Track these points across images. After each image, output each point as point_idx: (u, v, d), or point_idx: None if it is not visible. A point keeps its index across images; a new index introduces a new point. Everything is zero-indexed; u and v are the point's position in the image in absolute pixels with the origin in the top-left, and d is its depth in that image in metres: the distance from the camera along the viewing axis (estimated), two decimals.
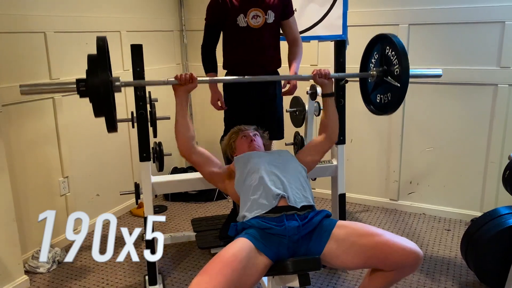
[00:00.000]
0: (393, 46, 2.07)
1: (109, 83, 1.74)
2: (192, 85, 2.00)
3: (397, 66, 2.04)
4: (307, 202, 1.86)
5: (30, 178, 2.69)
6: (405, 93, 2.03)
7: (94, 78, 1.69)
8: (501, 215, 2.29)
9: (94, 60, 1.74)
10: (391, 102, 2.12)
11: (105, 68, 1.71)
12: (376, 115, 2.31)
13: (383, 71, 2.15)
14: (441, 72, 2.28)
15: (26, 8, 2.60)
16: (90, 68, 1.72)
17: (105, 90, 1.70)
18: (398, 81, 2.04)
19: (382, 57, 2.17)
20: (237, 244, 1.66)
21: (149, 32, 3.59)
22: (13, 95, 2.53)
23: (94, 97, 1.71)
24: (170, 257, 2.81)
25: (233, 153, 2.26)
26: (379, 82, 2.19)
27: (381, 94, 2.20)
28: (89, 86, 1.71)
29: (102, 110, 1.72)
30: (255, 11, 2.47)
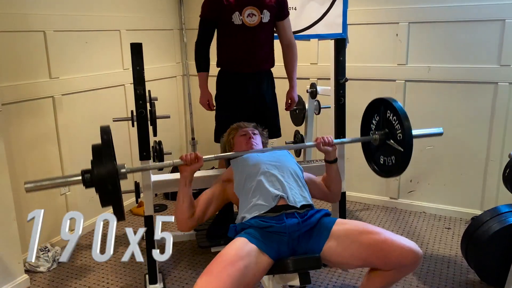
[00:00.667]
0: (394, 111, 2.08)
1: (116, 174, 1.67)
2: (197, 164, 1.93)
3: (400, 131, 2.05)
4: (306, 202, 1.86)
5: (30, 177, 2.68)
6: (409, 158, 2.02)
7: (100, 169, 1.63)
8: (501, 213, 2.29)
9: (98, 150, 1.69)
10: (396, 166, 2.12)
11: (110, 159, 1.66)
12: (380, 176, 2.30)
13: (385, 134, 2.15)
14: (442, 130, 2.29)
15: (26, 7, 2.60)
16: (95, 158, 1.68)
17: (112, 182, 1.64)
18: (401, 145, 2.04)
19: (383, 120, 2.17)
20: (238, 243, 1.66)
21: (149, 31, 3.58)
22: (13, 94, 2.53)
23: (101, 189, 1.66)
24: (170, 256, 2.80)
25: (231, 149, 2.26)
26: (382, 144, 2.19)
27: (385, 156, 2.20)
28: (94, 176, 1.65)
29: (109, 201, 1.68)
30: (251, 9, 2.46)
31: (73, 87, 2.91)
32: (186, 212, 1.92)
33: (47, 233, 2.83)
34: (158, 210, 3.48)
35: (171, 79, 3.91)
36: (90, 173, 1.68)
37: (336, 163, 2.14)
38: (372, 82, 3.32)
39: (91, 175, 1.68)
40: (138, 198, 2.49)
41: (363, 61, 3.32)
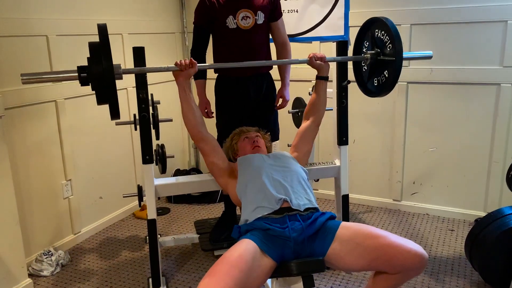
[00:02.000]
0: (384, 27, 2.09)
1: (112, 69, 1.72)
2: (192, 69, 2.03)
3: (389, 43, 2.06)
4: (310, 205, 1.85)
5: (33, 181, 2.69)
6: (401, 66, 2.02)
7: (96, 65, 1.67)
8: (505, 215, 2.28)
9: (95, 47, 1.71)
10: (388, 79, 2.12)
11: (107, 54, 1.70)
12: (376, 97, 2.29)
13: (376, 53, 2.18)
14: (432, 54, 2.34)
15: (28, 11, 2.61)
16: (92, 54, 1.70)
17: (109, 76, 1.68)
18: (392, 56, 2.05)
19: (373, 41, 2.20)
20: (242, 245, 1.66)
21: (151, 34, 3.59)
22: (16, 98, 2.54)
23: (97, 84, 1.70)
24: (173, 259, 2.81)
25: (235, 155, 2.25)
26: (374, 64, 2.20)
27: (378, 76, 2.21)
28: (91, 72, 1.69)
29: (105, 96, 1.71)
30: (245, 12, 2.44)
31: (76, 91, 2.91)
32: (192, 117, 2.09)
33: (50, 237, 2.84)
34: (161, 214, 3.48)
35: (174, 82, 3.87)
36: (87, 70, 1.69)
37: (327, 81, 2.28)
38: None
39: (87, 72, 1.70)
40: (141, 201, 2.49)
41: None
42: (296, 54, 2.84)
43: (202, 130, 2.11)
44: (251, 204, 1.86)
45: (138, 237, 3.11)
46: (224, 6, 2.43)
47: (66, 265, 2.75)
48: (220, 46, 2.54)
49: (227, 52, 2.51)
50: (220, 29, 2.47)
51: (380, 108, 3.33)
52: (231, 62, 2.36)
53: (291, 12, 3.39)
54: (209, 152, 2.12)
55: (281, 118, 2.81)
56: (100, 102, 1.76)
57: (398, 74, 2.04)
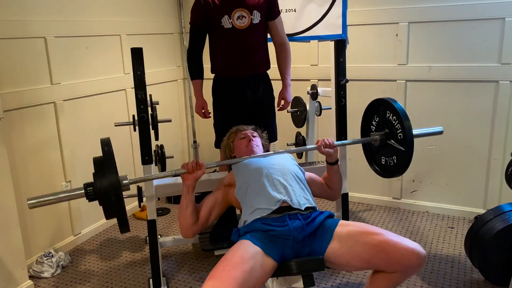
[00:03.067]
0: (394, 111, 2.09)
1: (118, 185, 1.66)
2: (200, 172, 1.92)
3: (400, 130, 2.05)
4: (309, 204, 1.86)
5: (33, 183, 2.69)
6: (411, 157, 2.02)
7: (102, 182, 1.63)
8: (504, 212, 2.28)
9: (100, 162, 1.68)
10: (397, 166, 2.13)
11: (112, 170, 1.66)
12: (382, 177, 2.31)
13: (385, 134, 2.16)
14: (442, 129, 2.30)
15: (26, 13, 2.61)
16: (97, 171, 1.67)
17: (115, 194, 1.64)
18: (402, 145, 2.05)
19: (383, 120, 2.19)
20: (242, 246, 1.66)
21: (149, 35, 3.59)
22: (15, 100, 2.54)
23: (104, 202, 1.66)
24: (174, 259, 2.81)
25: (232, 153, 2.26)
26: (383, 145, 2.20)
27: (386, 156, 2.21)
28: (97, 189, 1.65)
29: (113, 213, 1.67)
30: (240, 11, 2.42)
31: (75, 93, 2.91)
32: (189, 218, 1.93)
33: (50, 238, 2.84)
34: (161, 214, 3.48)
35: (172, 82, 3.92)
36: (93, 186, 1.67)
37: (337, 164, 2.17)
38: (373, 83, 3.32)
39: (93, 188, 1.67)
40: (140, 202, 2.49)
41: (364, 61, 3.32)
42: (295, 53, 2.85)
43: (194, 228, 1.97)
44: (250, 206, 1.87)
45: (139, 238, 3.11)
46: (219, 5, 2.42)
47: (67, 266, 2.75)
48: (217, 46, 2.54)
49: (223, 52, 2.51)
50: (216, 29, 2.46)
51: None
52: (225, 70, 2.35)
53: (289, 11, 3.39)
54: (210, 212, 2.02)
55: (280, 117, 2.81)
56: (108, 217, 1.71)
57: (408, 162, 2.04)
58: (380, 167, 2.28)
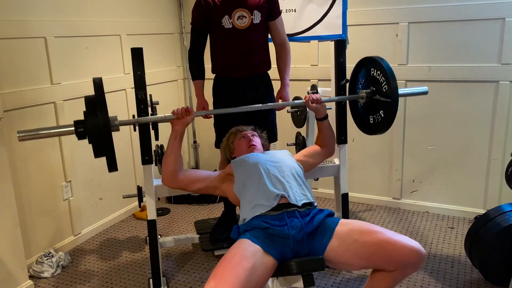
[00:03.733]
0: (378, 67, 2.14)
1: (108, 123, 1.71)
2: (189, 117, 2.04)
3: (385, 83, 2.10)
4: (307, 200, 1.87)
5: (33, 183, 2.70)
6: (396, 108, 2.07)
7: (92, 119, 1.66)
8: (504, 212, 2.28)
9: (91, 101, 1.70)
10: (384, 119, 2.17)
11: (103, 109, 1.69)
12: (371, 134, 2.36)
13: (371, 91, 2.22)
14: (427, 89, 2.38)
15: (26, 13, 2.61)
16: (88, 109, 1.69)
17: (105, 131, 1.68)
18: (388, 97, 2.07)
19: (368, 79, 2.23)
20: (242, 245, 1.66)
21: (149, 35, 3.59)
22: (15, 100, 2.54)
23: (93, 139, 1.68)
24: (174, 259, 2.81)
25: (232, 154, 2.26)
26: (369, 102, 2.25)
27: (373, 114, 2.26)
28: (88, 127, 1.67)
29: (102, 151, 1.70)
30: (240, 11, 2.42)
31: (75, 93, 2.91)
32: (171, 164, 2.03)
33: (50, 238, 2.84)
34: (161, 214, 3.48)
35: (172, 82, 3.92)
36: (83, 124, 1.69)
37: (327, 120, 2.27)
38: None
39: (84, 126, 1.70)
40: (141, 202, 2.49)
41: None
42: (295, 53, 2.85)
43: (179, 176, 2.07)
44: (249, 203, 1.87)
45: (139, 238, 3.11)
46: (219, 5, 2.42)
47: (67, 266, 2.75)
48: (217, 46, 2.54)
49: (223, 52, 2.51)
50: (217, 29, 2.46)
51: None
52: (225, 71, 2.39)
53: (289, 11, 3.39)
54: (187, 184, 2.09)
55: (280, 117, 2.81)
56: (97, 155, 1.74)
57: (394, 114, 2.10)
58: (369, 126, 2.32)
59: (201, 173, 2.14)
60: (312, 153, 2.26)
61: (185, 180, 2.07)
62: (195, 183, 2.09)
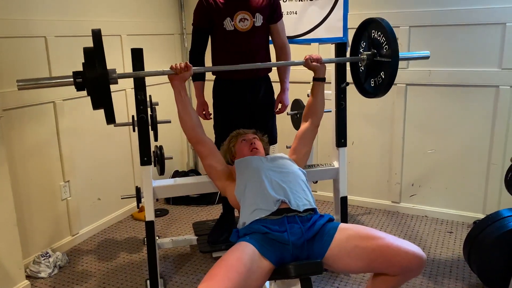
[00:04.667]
0: (380, 28, 2.11)
1: (106, 74, 1.75)
2: (187, 73, 2.04)
3: (385, 43, 2.07)
4: (309, 206, 1.86)
5: (31, 183, 2.69)
6: (397, 67, 2.03)
7: (91, 70, 1.69)
8: (504, 217, 2.28)
9: (90, 52, 1.73)
10: (384, 80, 2.13)
11: (101, 59, 1.72)
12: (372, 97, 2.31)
13: (372, 53, 2.19)
14: (429, 54, 2.34)
15: (27, 13, 2.61)
16: (87, 60, 1.72)
17: (103, 81, 1.71)
18: (388, 57, 2.05)
19: (369, 42, 2.21)
20: (240, 248, 1.66)
21: (150, 36, 3.59)
22: (14, 99, 2.53)
23: (92, 89, 1.72)
24: (171, 261, 2.80)
25: (233, 157, 2.25)
26: (370, 65, 2.22)
27: (374, 77, 2.22)
28: (86, 78, 1.71)
29: (100, 101, 1.73)
30: (243, 14, 2.42)
31: (74, 93, 2.86)
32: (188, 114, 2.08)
33: (48, 238, 2.83)
34: (159, 215, 3.47)
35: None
36: (82, 75, 1.70)
37: (324, 82, 2.28)
38: None
39: (82, 77, 1.72)
40: (139, 203, 2.48)
41: None
42: (295, 56, 2.84)
43: (198, 132, 2.11)
44: (249, 206, 1.86)
45: (136, 239, 3.10)
46: (221, 7, 2.42)
47: (64, 266, 2.74)
48: (218, 48, 2.53)
49: (225, 54, 2.51)
50: (218, 31, 2.46)
51: (378, 109, 3.33)
52: (226, 65, 2.35)
53: (290, 13, 3.38)
54: (206, 154, 2.12)
55: (280, 120, 2.81)
56: (96, 107, 1.78)
57: (394, 74, 2.05)
58: (371, 89, 2.28)
59: (219, 154, 2.16)
60: (304, 139, 2.25)
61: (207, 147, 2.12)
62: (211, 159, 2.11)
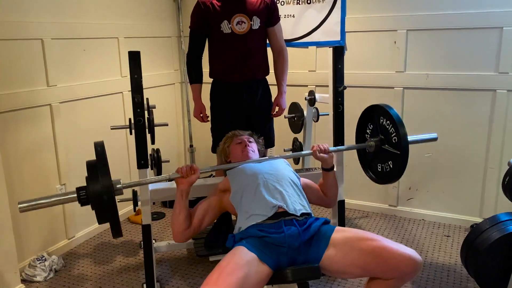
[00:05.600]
0: (388, 116, 2.09)
1: (111, 190, 1.65)
2: (194, 176, 1.90)
3: (394, 134, 2.05)
4: (305, 210, 1.85)
5: (27, 185, 2.67)
6: (406, 161, 2.02)
7: (95, 186, 1.61)
8: (501, 221, 2.27)
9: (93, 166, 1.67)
10: (393, 171, 2.12)
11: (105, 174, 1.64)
12: (379, 184, 2.31)
13: (380, 140, 2.17)
14: (437, 136, 2.31)
15: (23, 15, 2.59)
16: (90, 175, 1.65)
17: (108, 198, 1.62)
18: (397, 148, 2.04)
19: (377, 127, 2.19)
20: (237, 253, 1.65)
21: (147, 38, 3.58)
22: (10, 102, 2.52)
23: (97, 206, 1.64)
24: (168, 265, 2.78)
25: (227, 158, 2.25)
26: (378, 151, 2.20)
27: (382, 163, 2.21)
28: (90, 193, 1.63)
29: (106, 216, 1.66)
30: (240, 17, 2.42)
31: (71, 95, 2.90)
32: (183, 224, 1.91)
33: (44, 242, 2.81)
34: (156, 218, 3.46)
35: (169, 86, 3.90)
36: (86, 190, 1.65)
37: (333, 171, 2.15)
38: (370, 89, 3.32)
39: (86, 192, 1.65)
40: (135, 206, 2.47)
41: (362, 68, 3.32)
42: (293, 59, 2.85)
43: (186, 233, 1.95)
44: (245, 212, 1.86)
45: (133, 242, 3.09)
46: (219, 10, 2.42)
47: (60, 270, 2.72)
48: (215, 51, 2.53)
49: (222, 57, 2.51)
50: (215, 34, 2.46)
51: None
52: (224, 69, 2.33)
53: (287, 17, 3.38)
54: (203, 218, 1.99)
55: (277, 123, 2.81)
56: (101, 221, 1.69)
57: (403, 168, 2.03)
58: (376, 174, 2.27)
59: (202, 208, 2.00)
60: (313, 190, 2.16)
61: (195, 228, 1.96)
62: (203, 223, 1.98)
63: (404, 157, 2.01)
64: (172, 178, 1.92)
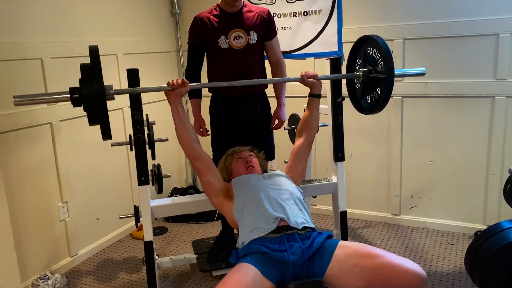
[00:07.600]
0: (375, 45, 2.12)
1: (103, 90, 1.75)
2: (184, 89, 2.06)
3: (381, 60, 2.09)
4: (307, 224, 1.85)
5: (29, 204, 2.67)
6: (392, 83, 2.04)
7: (88, 86, 1.70)
8: (504, 229, 2.26)
9: (87, 68, 1.74)
10: (380, 97, 2.14)
11: (99, 76, 1.73)
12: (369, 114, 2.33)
13: (368, 70, 2.20)
14: (424, 70, 2.36)
15: (23, 35, 2.62)
16: (84, 76, 1.73)
17: (100, 97, 1.72)
18: (384, 73, 2.06)
19: (365, 59, 2.22)
20: (241, 269, 1.64)
21: (146, 54, 3.60)
22: (11, 122, 2.53)
23: (88, 105, 1.72)
24: (171, 280, 2.77)
25: (230, 176, 2.25)
26: (366, 81, 2.23)
27: (370, 93, 2.23)
28: (83, 93, 1.72)
29: (97, 117, 1.73)
30: (237, 32, 2.44)
31: (71, 113, 2.90)
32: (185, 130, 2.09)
33: (46, 260, 2.80)
34: (158, 233, 3.45)
35: None
36: (79, 91, 1.72)
37: (319, 98, 2.29)
38: None
39: (79, 93, 1.73)
40: (138, 222, 2.46)
41: None
42: (291, 71, 2.86)
43: (196, 147, 2.11)
44: (248, 226, 1.85)
45: (136, 258, 3.08)
46: (216, 26, 2.44)
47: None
48: (214, 66, 2.55)
49: (220, 71, 2.52)
50: (213, 49, 2.48)
51: (375, 122, 3.33)
52: (222, 82, 2.36)
53: (284, 29, 3.42)
54: (204, 170, 2.11)
55: (277, 135, 2.81)
56: (92, 123, 1.78)
57: (390, 91, 2.06)
58: (367, 106, 2.28)
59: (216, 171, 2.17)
60: (300, 156, 2.24)
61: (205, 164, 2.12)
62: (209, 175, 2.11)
63: (391, 80, 2.02)
64: (163, 89, 2.06)
